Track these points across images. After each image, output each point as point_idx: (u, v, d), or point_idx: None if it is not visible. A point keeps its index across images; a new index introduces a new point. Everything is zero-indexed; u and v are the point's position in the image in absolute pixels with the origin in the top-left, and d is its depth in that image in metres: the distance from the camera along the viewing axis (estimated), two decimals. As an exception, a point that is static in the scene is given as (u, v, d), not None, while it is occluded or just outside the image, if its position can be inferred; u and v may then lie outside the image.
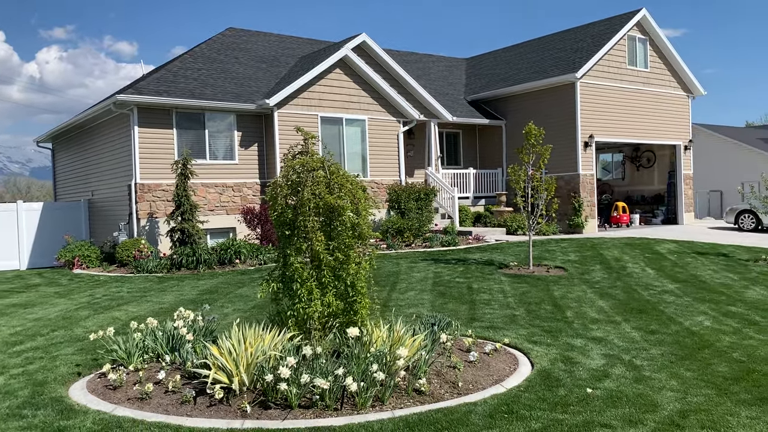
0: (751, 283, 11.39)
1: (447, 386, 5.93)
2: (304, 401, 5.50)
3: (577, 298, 10.12)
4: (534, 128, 12.96)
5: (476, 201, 22.26)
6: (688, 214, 23.94)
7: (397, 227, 16.92)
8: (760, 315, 8.87)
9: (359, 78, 19.04)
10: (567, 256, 14.38)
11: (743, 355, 6.94)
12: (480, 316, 9.00)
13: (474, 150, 24.17)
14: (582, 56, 20.96)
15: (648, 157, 25.65)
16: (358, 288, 6.24)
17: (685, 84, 23.75)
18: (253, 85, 18.84)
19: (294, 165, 6.24)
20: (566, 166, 20.73)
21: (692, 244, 16.40)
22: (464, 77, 26.51)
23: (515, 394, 5.74)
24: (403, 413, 5.28)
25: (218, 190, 17.48)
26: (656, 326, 8.27)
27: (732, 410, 5.31)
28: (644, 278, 11.82)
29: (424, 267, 13.32)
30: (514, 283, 11.41)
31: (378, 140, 19.46)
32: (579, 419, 5.12)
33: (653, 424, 5.01)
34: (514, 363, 6.76)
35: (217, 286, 12.05)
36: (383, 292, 10.82)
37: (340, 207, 6.10)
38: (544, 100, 21.39)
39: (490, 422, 5.06)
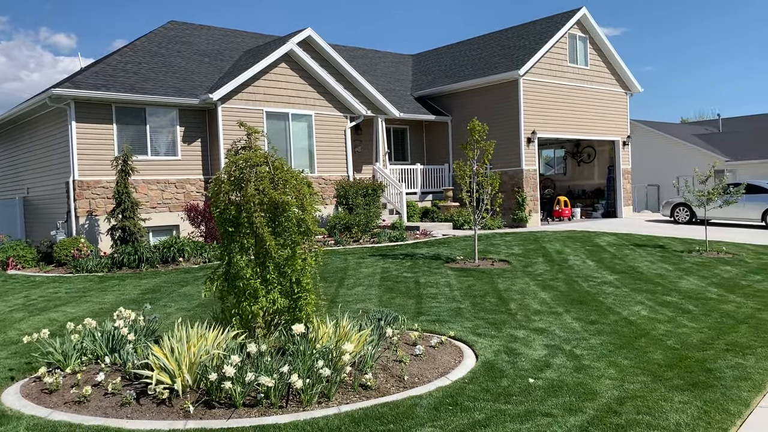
0: (685, 273, 11.86)
1: (393, 380, 5.97)
2: (248, 400, 5.44)
3: (520, 291, 10.33)
4: (478, 124, 13.15)
5: (424, 196, 22.44)
6: (627, 208, 24.75)
7: (344, 223, 16.90)
8: (692, 304, 9.25)
9: (305, 73, 18.91)
10: (511, 250, 14.66)
11: (677, 342, 7.23)
12: (427, 309, 9.09)
13: (421, 146, 24.34)
14: (525, 54, 21.37)
15: (588, 152, 26.38)
16: (303, 284, 6.21)
17: (623, 81, 24.51)
18: (196, 79, 18.47)
19: (237, 160, 6.15)
20: (510, 161, 21.11)
21: (630, 237, 16.96)
22: (411, 73, 26.66)
23: (460, 386, 5.82)
24: (349, 408, 5.29)
25: (161, 187, 17.08)
26: (596, 316, 8.53)
27: (666, 396, 5.52)
28: (585, 270, 12.16)
29: (372, 262, 13.35)
30: (460, 277, 11.56)
31: (325, 136, 19.37)
32: (521, 409, 5.23)
33: (592, 412, 5.16)
34: (459, 355, 6.85)
35: (159, 285, 11.78)
36: (331, 288, 10.79)
37: (284, 203, 6.05)
38: (489, 96, 21.72)
39: (435, 415, 5.12)
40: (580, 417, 5.05)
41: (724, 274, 11.79)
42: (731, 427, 4.90)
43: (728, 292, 10.12)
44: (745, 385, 5.75)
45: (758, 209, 20.40)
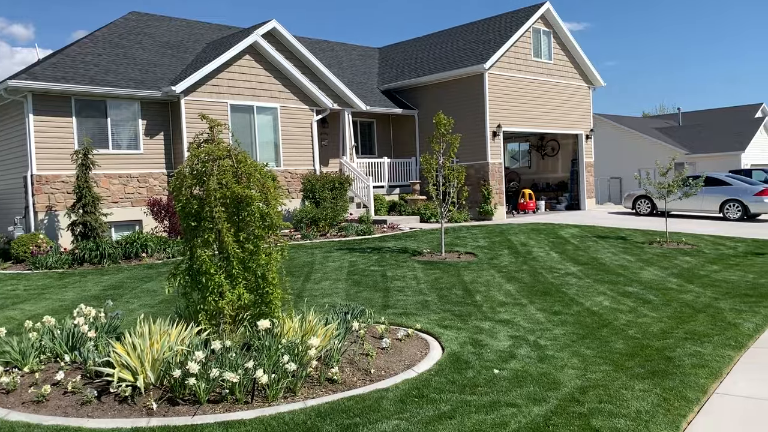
0: (646, 264, 12.12)
1: (360, 374, 5.96)
2: (213, 396, 5.38)
3: (486, 283, 10.43)
4: (443, 118, 13.19)
5: (391, 190, 22.46)
6: (590, 200, 25.16)
7: (311, 217, 16.82)
8: (653, 294, 9.46)
9: (270, 65, 18.72)
10: (477, 242, 14.78)
11: (638, 332, 7.38)
12: (394, 303, 9.10)
13: (388, 139, 24.33)
14: (490, 48, 21.51)
15: (552, 146, 26.72)
16: (269, 279, 6.16)
17: (586, 76, 24.86)
18: (158, 71, 18.13)
19: (199, 154, 6.06)
20: (476, 155, 21.25)
21: (593, 229, 17.25)
22: (377, 66, 26.61)
23: (426, 378, 5.85)
24: (316, 403, 5.27)
25: (122, 181, 16.75)
26: (559, 307, 8.66)
27: (627, 384, 5.64)
28: (549, 262, 12.33)
29: (339, 256, 13.32)
30: (427, 270, 11.61)
31: (291, 129, 19.22)
32: (486, 400, 5.28)
33: (555, 401, 5.24)
34: (425, 348, 6.88)
35: (122, 281, 11.56)
36: (297, 283, 10.74)
37: (248, 197, 5.98)
38: (455, 90, 21.81)
39: (401, 407, 5.14)
40: (544, 406, 5.13)
41: (684, 264, 12.08)
42: (689, 413, 5.02)
43: (687, 282, 10.37)
44: (703, 373, 5.91)
45: (716, 201, 20.95)
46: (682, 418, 4.91)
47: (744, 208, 20.40)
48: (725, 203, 20.78)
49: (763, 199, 20.23)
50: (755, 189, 20.60)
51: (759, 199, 20.25)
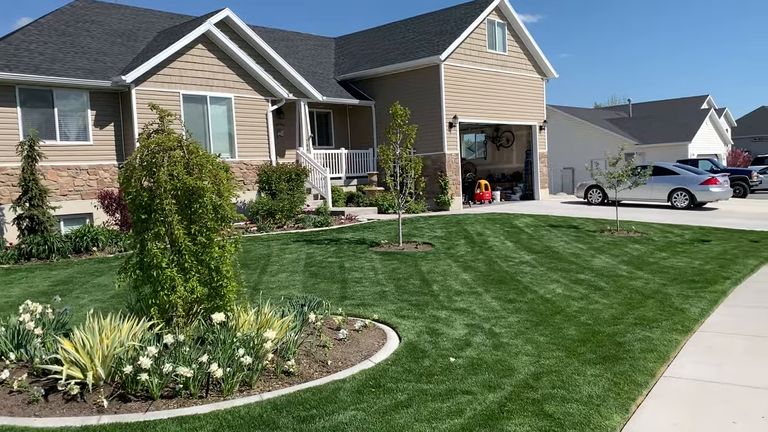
0: (597, 252, 12.40)
1: (317, 365, 5.94)
2: (167, 391, 5.28)
3: (443, 272, 10.51)
4: (400, 108, 13.20)
5: (349, 181, 22.40)
6: (544, 190, 25.59)
7: (267, 209, 16.64)
8: (604, 281, 9.69)
9: (224, 55, 18.39)
10: (434, 233, 14.88)
11: (590, 318, 7.55)
12: (351, 294, 9.09)
13: (345, 130, 24.23)
14: (445, 39, 21.59)
15: (507, 137, 27.05)
16: (223, 272, 6.07)
17: (539, 67, 25.20)
18: (108, 60, 17.62)
19: (149, 144, 5.92)
20: (433, 146, 21.36)
21: (547, 218, 17.56)
22: (333, 57, 26.43)
23: (383, 368, 5.87)
24: (272, 396, 5.23)
25: (71, 174, 16.26)
26: (514, 295, 8.79)
27: (579, 370, 5.76)
28: (504, 251, 12.50)
29: (296, 248, 13.23)
30: (384, 261, 11.63)
31: (246, 119, 18.95)
32: (442, 388, 5.33)
33: (510, 388, 5.32)
34: (383, 338, 6.90)
35: (72, 276, 11.24)
36: (253, 275, 10.63)
37: (200, 188, 5.87)
38: (412, 81, 21.84)
39: (358, 398, 5.14)
40: (499, 393, 5.20)
41: (634, 252, 12.41)
42: (638, 396, 5.16)
43: (637, 269, 10.65)
44: (652, 357, 6.08)
45: (665, 190, 21.56)
46: (631, 401, 5.05)
47: (691, 197, 21.05)
48: (673, 192, 21.41)
49: (709, 188, 20.91)
50: (701, 178, 21.28)
51: (705, 188, 20.93)
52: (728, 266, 10.73)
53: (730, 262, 11.08)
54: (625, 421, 4.70)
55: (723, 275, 9.97)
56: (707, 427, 4.61)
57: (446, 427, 4.56)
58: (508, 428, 4.53)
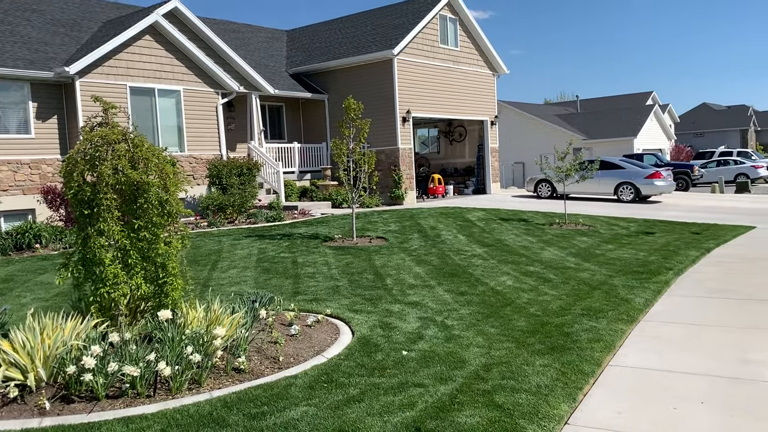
0: (547, 244, 12.65)
1: (268, 362, 5.88)
2: (113, 391, 5.15)
3: (396, 266, 10.54)
4: (353, 102, 13.16)
5: (302, 175, 22.22)
6: (495, 184, 25.94)
7: (218, 204, 16.38)
8: (553, 273, 9.89)
9: (172, 46, 17.98)
10: (388, 227, 14.91)
11: (539, 309, 7.69)
12: (304, 289, 9.03)
13: (298, 124, 24.03)
14: (398, 33, 21.61)
15: (460, 132, 27.30)
16: (169, 269, 5.94)
17: (490, 63, 25.50)
18: (50, 51, 17.00)
19: (92, 138, 5.73)
20: (387, 140, 21.38)
21: (498, 212, 17.81)
22: (285, 50, 26.16)
23: (335, 363, 5.85)
24: (222, 393, 5.15)
25: (12, 168, 15.65)
26: (466, 288, 8.89)
27: (528, 360, 5.86)
28: (456, 244, 12.62)
29: (247, 244, 13.06)
30: (338, 255, 11.59)
31: (195, 113, 18.58)
32: (395, 381, 5.35)
33: (461, 380, 5.38)
34: (335, 333, 6.88)
35: (13, 273, 10.83)
36: (204, 272, 10.45)
37: (145, 183, 5.73)
38: (365, 75, 21.80)
39: (309, 393, 5.11)
40: (450, 385, 5.25)
41: (581, 244, 12.70)
42: (585, 385, 5.29)
43: (584, 261, 10.91)
44: (598, 346, 6.24)
45: (611, 184, 22.14)
46: (578, 390, 5.17)
47: (636, 190, 21.68)
48: (619, 186, 22.00)
49: (654, 182, 21.57)
50: (646, 172, 21.94)
51: (649, 182, 21.59)
52: (671, 257, 11.09)
53: (673, 254, 11.46)
54: (572, 410, 4.81)
55: (666, 266, 10.30)
56: (649, 413, 4.75)
57: (398, 420, 4.58)
58: (458, 420, 4.57)
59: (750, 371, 5.55)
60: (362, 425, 4.50)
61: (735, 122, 61.77)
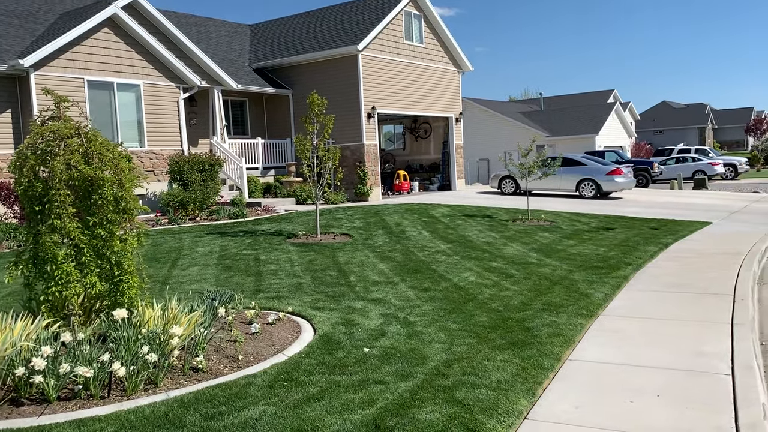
0: (510, 240, 12.75)
1: (227, 361, 5.79)
2: (65, 393, 5.00)
3: (360, 263, 10.50)
4: (317, 98, 13.05)
5: (266, 171, 22.00)
6: (460, 181, 26.08)
7: (179, 200, 16.09)
8: (515, 269, 9.97)
9: (132, 40, 17.58)
10: (353, 223, 14.85)
11: (500, 305, 7.74)
12: (266, 287, 8.93)
13: (262, 119, 23.77)
14: (363, 29, 21.53)
15: (425, 128, 27.36)
16: (125, 267, 5.79)
17: (455, 60, 25.60)
18: (4, 43, 16.46)
19: (43, 132, 5.55)
20: (352, 136, 21.30)
21: (463, 208, 17.90)
22: (249, 44, 25.84)
23: (296, 361, 5.78)
24: (179, 393, 5.05)
25: (-38, 164, 15.13)
26: (429, 284, 8.89)
27: (489, 355, 5.89)
28: (421, 240, 12.64)
29: (209, 241, 12.86)
30: (301, 252, 11.50)
31: (156, 107, 18.22)
32: (356, 379, 5.31)
33: (422, 376, 5.37)
34: (297, 331, 6.80)
35: (-38, 273, 10.45)
36: (163, 270, 10.25)
37: (99, 179, 5.57)
38: (330, 70, 21.66)
39: (269, 392, 5.04)
40: (411, 382, 5.23)
41: (543, 240, 12.84)
42: (545, 380, 5.33)
43: (546, 256, 11.02)
44: (558, 341, 6.30)
45: (573, 180, 22.46)
46: (538, 385, 5.20)
47: (597, 187, 22.03)
48: (581, 182, 22.33)
49: (614, 178, 21.95)
50: (607, 169, 22.30)
51: (610, 179, 21.95)
52: (630, 253, 11.29)
53: (632, 249, 11.66)
54: (531, 405, 4.84)
55: (625, 261, 10.48)
56: (606, 406, 4.81)
57: (357, 418, 4.54)
58: (418, 416, 4.56)
59: (705, 363, 5.66)
60: (321, 424, 4.45)
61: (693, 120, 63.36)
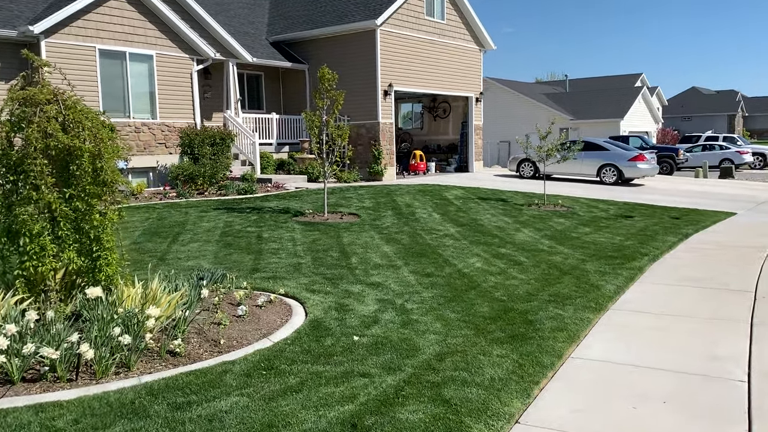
0: (522, 225, 12.29)
1: (208, 345, 5.49)
2: (32, 374, 4.75)
3: (364, 244, 10.15)
4: (328, 72, 12.61)
5: (280, 147, 21.66)
6: (478, 163, 25.51)
7: (188, 174, 15.84)
8: (524, 256, 9.54)
9: (145, 8, 17.24)
10: (362, 203, 14.50)
11: (504, 294, 7.34)
12: (264, 266, 8.62)
13: (278, 94, 23.39)
14: (383, 3, 20.92)
15: (444, 107, 26.76)
16: (103, 242, 5.50)
17: (477, 38, 24.87)
18: (15, 8, 16.23)
19: (18, 97, 5.24)
20: (368, 114, 20.84)
21: (477, 191, 17.43)
22: (267, 17, 25.35)
23: (280, 347, 5.47)
24: (151, 379, 4.77)
25: (-28, 131, 14.98)
26: (432, 269, 8.52)
27: (485, 350, 5.52)
28: (430, 223, 12.24)
29: (214, 216, 12.60)
30: (306, 231, 11.18)
31: (169, 79, 17.92)
32: (339, 370, 4.98)
33: (411, 370, 5.02)
34: (287, 314, 6.49)
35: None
36: (163, 244, 10.00)
37: (77, 149, 5.25)
38: (347, 46, 21.15)
39: (245, 381, 4.73)
40: (398, 376, 4.89)
41: (558, 226, 12.36)
42: (542, 379, 4.95)
43: (559, 244, 10.57)
44: (561, 336, 5.90)
45: (594, 165, 21.80)
46: (534, 384, 4.83)
47: (619, 173, 21.36)
48: (602, 167, 21.67)
49: (637, 165, 21.26)
50: (630, 155, 21.61)
51: (632, 165, 21.27)
52: (648, 242, 10.78)
53: (650, 239, 11.15)
54: (525, 407, 4.47)
55: (642, 251, 9.99)
56: (606, 412, 4.43)
57: (334, 414, 4.21)
58: (400, 416, 4.22)
59: (718, 368, 5.24)
60: (294, 420, 4.13)
61: (723, 107, 61.67)
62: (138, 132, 17.25)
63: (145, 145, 17.39)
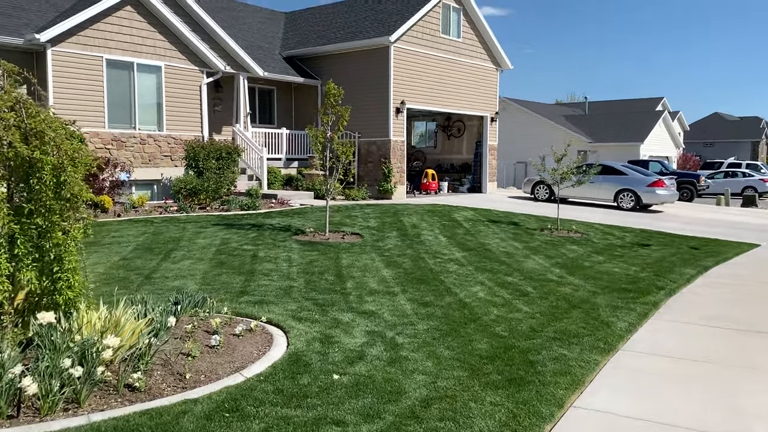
0: (533, 252, 11.71)
1: (172, 379, 5.00)
2: (-30, 409, 4.28)
3: (363, 267, 9.65)
4: (333, 87, 12.24)
5: (289, 163, 21.32)
6: (492, 183, 24.96)
7: (190, 188, 15.48)
8: (531, 285, 8.96)
9: (155, 19, 17.04)
10: (367, 223, 14.02)
11: (506, 329, 6.78)
12: (253, 289, 8.15)
13: (289, 109, 23.10)
14: (397, 20, 20.61)
15: (458, 126, 26.29)
16: (65, 263, 5.05)
17: (494, 57, 24.45)
18: (24, 17, 16.10)
19: (-25, 104, 4.84)
20: (379, 131, 20.44)
21: (489, 213, 16.87)
22: (282, 32, 25.18)
23: (251, 385, 4.96)
24: (100, 418, 4.28)
25: (-26, 138, 14.77)
26: (431, 297, 7.98)
27: (478, 395, 4.97)
28: (435, 246, 11.71)
29: (212, 232, 12.18)
30: (304, 251, 10.71)
31: (177, 91, 17.66)
32: (311, 415, 4.46)
33: (391, 418, 4.49)
34: (267, 345, 5.99)
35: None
36: (153, 262, 9.58)
37: (37, 161, 4.83)
38: (360, 62, 20.82)
39: (204, 425, 4.23)
40: (376, 425, 4.36)
41: (570, 254, 11.77)
42: (539, 433, 4.39)
43: (569, 273, 9.97)
44: (564, 381, 5.33)
45: (612, 190, 21.16)
46: (529, 439, 4.27)
47: (637, 198, 20.70)
48: (620, 192, 21.02)
49: (655, 191, 20.59)
50: (648, 180, 20.94)
51: (651, 190, 20.60)
52: (664, 275, 10.15)
53: (667, 271, 10.52)
54: (516, 468, 3.92)
55: (657, 285, 9.37)
56: (611, 478, 3.86)
57: (294, 473, 3.69)
58: (370, 477, 3.68)
59: (741, 425, 4.65)
60: (247, 478, 3.61)
61: (747, 134, 60.55)
62: (143, 144, 16.98)
63: (150, 157, 17.10)
